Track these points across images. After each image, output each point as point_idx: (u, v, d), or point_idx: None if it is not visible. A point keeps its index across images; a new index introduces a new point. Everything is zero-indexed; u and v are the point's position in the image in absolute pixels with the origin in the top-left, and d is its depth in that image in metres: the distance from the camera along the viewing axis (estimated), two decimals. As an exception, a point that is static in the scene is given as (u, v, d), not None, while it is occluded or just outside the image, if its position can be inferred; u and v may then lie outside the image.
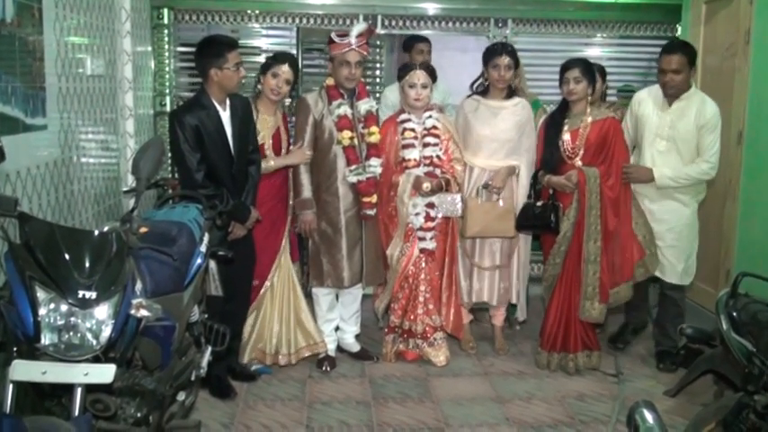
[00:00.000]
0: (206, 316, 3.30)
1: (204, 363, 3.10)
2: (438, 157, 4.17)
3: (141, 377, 2.32)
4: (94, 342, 2.00)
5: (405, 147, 4.15)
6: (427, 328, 4.25)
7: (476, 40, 6.09)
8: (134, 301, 2.13)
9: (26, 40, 3.06)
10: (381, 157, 4.12)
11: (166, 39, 5.57)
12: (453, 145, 4.24)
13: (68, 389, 2.10)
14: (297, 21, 5.64)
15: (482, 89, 4.35)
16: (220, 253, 3.36)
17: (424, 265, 4.21)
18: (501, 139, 4.26)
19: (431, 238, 4.20)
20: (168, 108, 5.59)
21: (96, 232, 2.15)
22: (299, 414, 3.65)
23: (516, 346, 4.63)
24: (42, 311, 1.94)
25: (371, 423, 3.57)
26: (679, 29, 5.53)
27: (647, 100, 4.13)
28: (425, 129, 4.17)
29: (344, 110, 4.02)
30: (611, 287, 4.05)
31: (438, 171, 4.16)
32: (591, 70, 4.06)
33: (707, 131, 3.99)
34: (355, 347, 4.41)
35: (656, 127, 4.08)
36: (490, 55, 4.27)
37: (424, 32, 5.77)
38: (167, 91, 5.60)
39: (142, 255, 2.48)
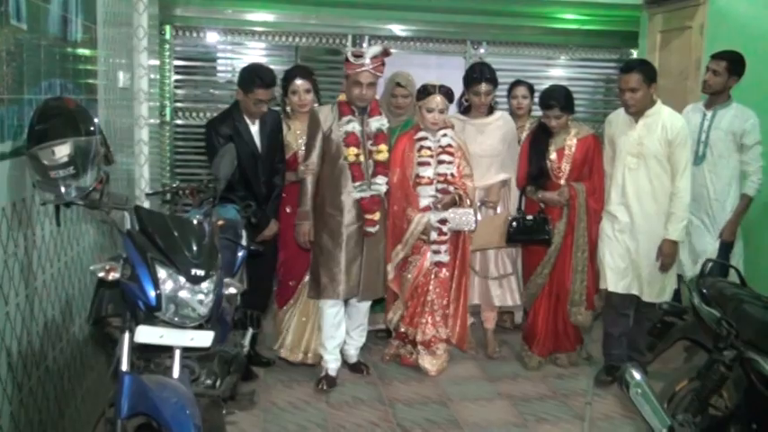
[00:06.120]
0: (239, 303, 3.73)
1: (247, 341, 3.51)
2: (452, 174, 4.26)
3: (223, 345, 2.74)
4: (201, 311, 2.41)
5: (420, 164, 4.24)
6: (432, 339, 4.39)
7: (436, 59, 6.61)
8: (226, 280, 2.56)
9: (88, 57, 3.45)
10: (387, 176, 4.16)
11: (167, 53, 5.97)
12: (464, 162, 4.32)
13: (159, 352, 2.50)
14: (292, 39, 6.09)
15: (464, 109, 4.62)
16: (252, 248, 3.77)
17: (433, 277, 4.32)
18: (490, 154, 4.53)
19: (444, 251, 4.29)
20: (168, 118, 6.00)
21: (195, 221, 2.56)
22: (315, 392, 4.11)
23: (507, 346, 4.96)
24: (162, 286, 2.35)
25: (382, 398, 4.06)
26: (635, 53, 6.17)
27: (617, 120, 4.22)
28: (441, 147, 4.26)
29: (353, 126, 4.04)
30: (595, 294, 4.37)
31: (451, 188, 4.25)
32: (569, 105, 4.27)
33: (679, 147, 3.98)
34: (352, 359, 4.43)
35: (625, 145, 4.10)
36: (470, 82, 4.49)
37: (406, 52, 6.31)
38: (167, 102, 5.99)
39: (213, 243, 2.90)
